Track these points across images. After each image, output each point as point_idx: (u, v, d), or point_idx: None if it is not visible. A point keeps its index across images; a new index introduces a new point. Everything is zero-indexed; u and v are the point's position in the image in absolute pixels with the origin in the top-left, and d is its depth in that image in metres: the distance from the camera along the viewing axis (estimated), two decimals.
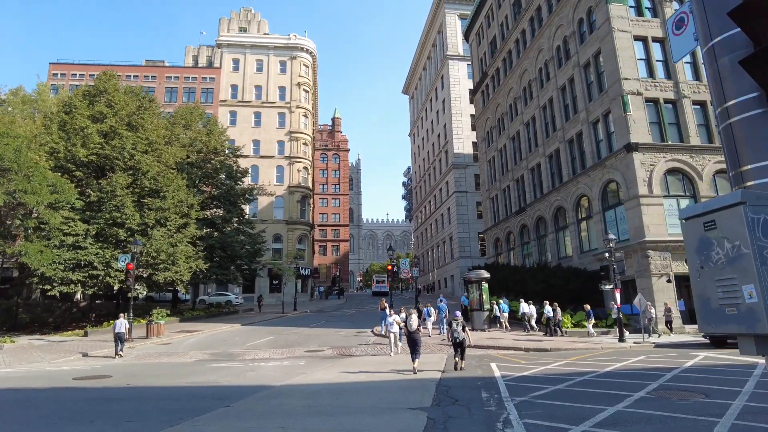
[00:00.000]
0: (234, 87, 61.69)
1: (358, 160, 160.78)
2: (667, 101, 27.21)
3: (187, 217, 31.73)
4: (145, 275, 29.62)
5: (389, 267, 30.09)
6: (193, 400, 11.01)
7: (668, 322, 23.01)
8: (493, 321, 27.69)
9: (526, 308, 26.76)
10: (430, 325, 24.93)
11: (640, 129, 26.11)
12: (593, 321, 23.83)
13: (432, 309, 26.14)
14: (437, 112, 68.30)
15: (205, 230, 35.06)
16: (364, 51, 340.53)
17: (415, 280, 43.83)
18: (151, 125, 31.78)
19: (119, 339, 19.43)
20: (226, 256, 36.97)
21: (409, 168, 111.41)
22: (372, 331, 25.89)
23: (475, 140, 57.27)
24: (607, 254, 21.74)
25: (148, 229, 28.68)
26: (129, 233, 27.56)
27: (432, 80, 71.05)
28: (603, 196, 29.10)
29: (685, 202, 26.00)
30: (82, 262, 26.21)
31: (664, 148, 26.11)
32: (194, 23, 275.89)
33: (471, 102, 58.59)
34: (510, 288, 33.29)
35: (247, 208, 57.22)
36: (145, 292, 46.30)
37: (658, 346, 19.33)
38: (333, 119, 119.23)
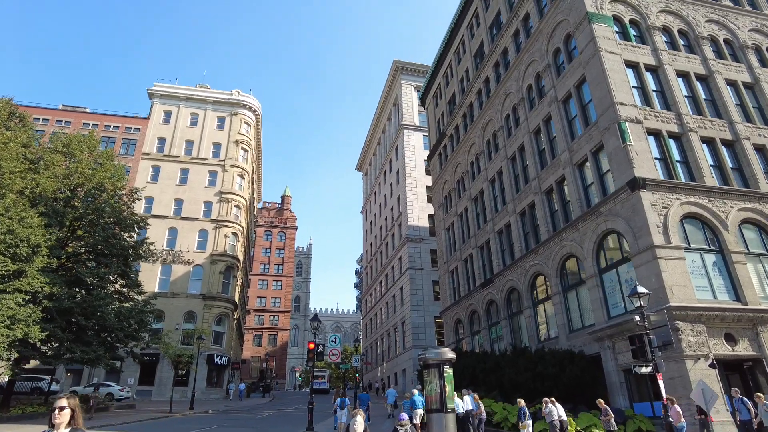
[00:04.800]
0: (161, 140, 54.12)
1: (309, 245, 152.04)
2: (671, 135, 21.83)
3: (28, 262, 22.12)
4: None
5: (310, 345, 20.97)
6: None
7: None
8: (461, 425, 18.69)
9: (461, 404, 18.18)
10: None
11: (645, 163, 20.18)
12: (530, 422, 16.43)
13: (348, 400, 17.73)
14: (391, 184, 62.91)
15: (63, 288, 25.06)
16: (321, 132, 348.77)
17: (357, 369, 34.37)
18: None
19: None
20: (90, 327, 26.60)
21: (362, 255, 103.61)
22: None
23: (431, 213, 51.38)
24: (637, 318, 14.16)
25: None
26: None
27: (386, 152, 66.61)
28: (598, 253, 22.30)
29: (711, 259, 19.49)
30: None
31: (677, 188, 20.08)
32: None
33: (427, 172, 53.72)
34: (480, 380, 24.68)
35: (157, 279, 47.28)
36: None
37: None
38: (283, 197, 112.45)
